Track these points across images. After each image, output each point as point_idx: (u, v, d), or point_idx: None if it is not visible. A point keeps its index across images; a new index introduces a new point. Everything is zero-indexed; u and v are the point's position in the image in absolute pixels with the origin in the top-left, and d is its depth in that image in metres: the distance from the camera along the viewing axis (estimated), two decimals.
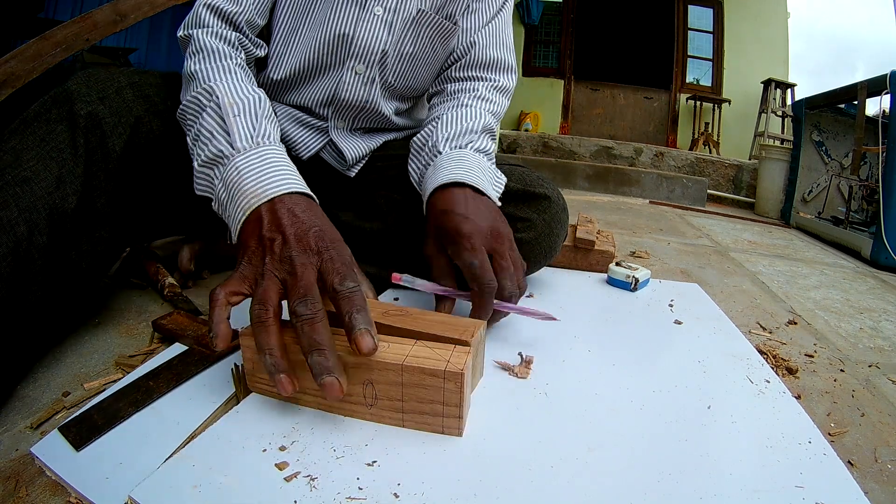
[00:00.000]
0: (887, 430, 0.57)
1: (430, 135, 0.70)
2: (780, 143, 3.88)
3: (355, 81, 0.73)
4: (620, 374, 0.57)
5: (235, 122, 0.51)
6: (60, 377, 0.51)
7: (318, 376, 0.39)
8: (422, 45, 0.74)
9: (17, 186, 0.48)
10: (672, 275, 1.11)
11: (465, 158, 0.64)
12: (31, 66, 1.25)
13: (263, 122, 0.52)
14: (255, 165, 0.48)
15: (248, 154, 0.49)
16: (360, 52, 0.71)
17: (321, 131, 0.77)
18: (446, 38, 0.76)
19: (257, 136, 0.51)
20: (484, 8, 0.78)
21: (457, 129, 0.69)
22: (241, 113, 0.52)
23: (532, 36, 5.52)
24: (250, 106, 0.53)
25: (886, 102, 1.82)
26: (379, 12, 0.70)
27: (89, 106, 0.54)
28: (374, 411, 0.43)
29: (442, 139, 0.68)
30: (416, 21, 0.72)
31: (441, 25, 0.74)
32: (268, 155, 0.50)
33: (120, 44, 3.00)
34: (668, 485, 0.40)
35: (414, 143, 0.72)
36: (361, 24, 0.69)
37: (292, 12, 0.70)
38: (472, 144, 0.68)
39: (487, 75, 0.78)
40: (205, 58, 0.58)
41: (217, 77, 0.56)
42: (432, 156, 0.67)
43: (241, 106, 0.52)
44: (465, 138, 0.69)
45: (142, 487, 0.35)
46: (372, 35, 0.70)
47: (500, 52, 0.79)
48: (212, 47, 0.59)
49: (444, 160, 0.64)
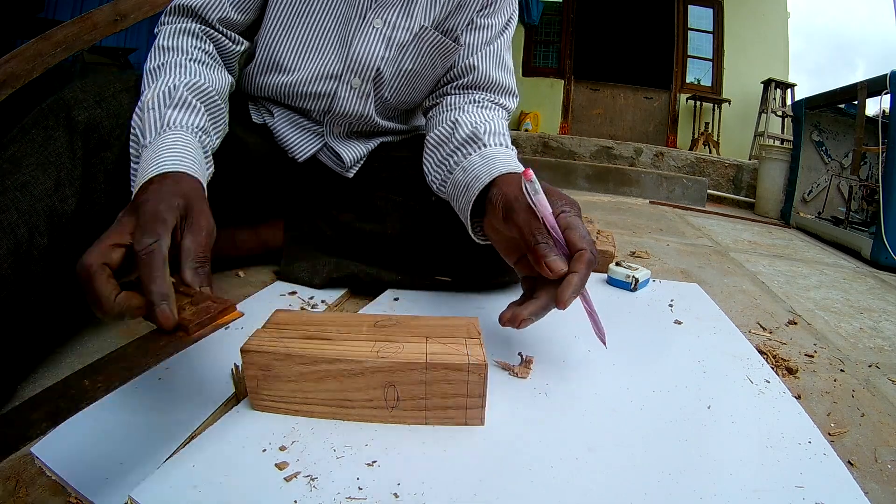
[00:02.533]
0: (887, 430, 0.57)
1: (451, 132, 0.66)
2: (780, 143, 3.88)
3: (351, 95, 0.72)
4: (620, 374, 0.57)
5: (147, 116, 0.52)
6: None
7: (150, 305, 0.37)
8: (422, 62, 0.73)
9: (17, 191, 0.49)
10: (672, 275, 1.11)
11: (514, 159, 0.61)
12: (31, 66, 1.25)
13: (167, 112, 0.53)
14: (147, 156, 0.49)
15: (149, 148, 0.50)
16: (357, 66, 0.70)
17: (317, 134, 0.77)
18: (447, 57, 0.74)
19: (161, 127, 0.52)
20: (489, 24, 0.75)
21: (493, 127, 0.65)
22: (152, 107, 0.53)
23: (532, 36, 5.52)
24: (160, 99, 0.54)
25: (886, 102, 1.82)
26: (378, 25, 0.68)
27: (87, 111, 0.55)
28: (396, 413, 0.44)
29: (482, 132, 0.64)
30: (417, 37, 0.71)
31: (443, 44, 0.72)
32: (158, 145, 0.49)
33: (120, 44, 3.00)
34: (668, 485, 0.40)
35: (430, 141, 0.69)
36: (359, 37, 0.69)
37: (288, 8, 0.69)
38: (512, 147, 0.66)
39: (488, 94, 0.75)
40: (158, 55, 0.61)
41: (160, 75, 0.58)
42: (477, 146, 0.63)
43: (154, 101, 0.54)
44: (505, 139, 0.65)
45: (142, 487, 0.35)
46: (369, 49, 0.69)
47: (500, 73, 0.76)
48: (168, 45, 0.61)
49: (495, 152, 0.60)
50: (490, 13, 0.75)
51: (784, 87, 4.80)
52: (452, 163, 0.64)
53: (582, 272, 0.48)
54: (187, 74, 0.58)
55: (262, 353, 0.42)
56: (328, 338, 0.44)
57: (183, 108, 0.54)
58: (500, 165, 0.57)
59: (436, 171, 0.67)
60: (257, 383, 0.43)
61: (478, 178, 0.57)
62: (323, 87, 0.72)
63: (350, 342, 0.44)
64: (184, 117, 0.53)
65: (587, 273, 0.48)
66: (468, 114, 0.69)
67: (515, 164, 0.58)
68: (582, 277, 0.48)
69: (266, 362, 0.42)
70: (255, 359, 0.42)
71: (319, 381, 0.42)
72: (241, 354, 0.42)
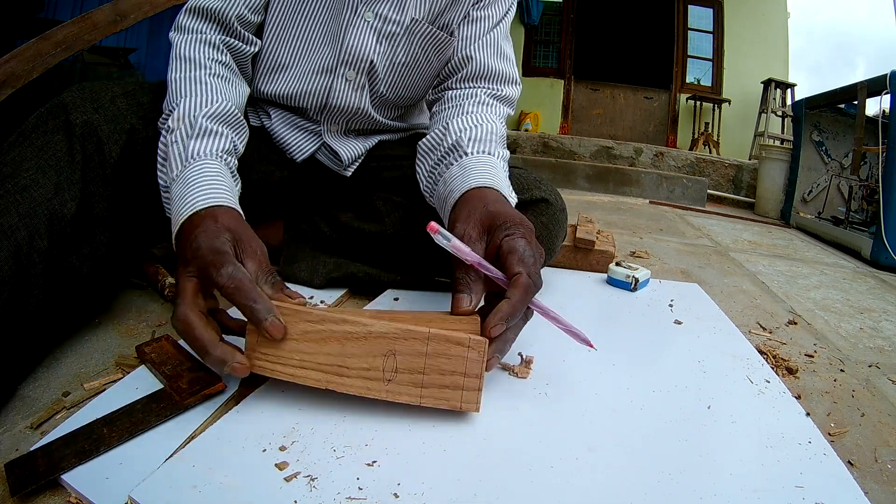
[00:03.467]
0: (887, 430, 0.57)
1: (441, 138, 0.66)
2: (780, 143, 3.88)
3: (346, 88, 0.72)
4: (620, 374, 0.57)
5: (173, 149, 0.54)
6: (60, 377, 0.51)
7: (259, 322, 0.42)
8: (415, 55, 0.73)
9: (17, 194, 0.49)
10: (672, 275, 1.11)
11: (494, 167, 0.61)
12: (31, 66, 1.25)
13: (190, 143, 0.54)
14: (177, 191, 0.51)
15: (176, 182, 0.52)
16: (350, 58, 0.70)
17: (315, 134, 0.77)
18: (441, 50, 0.74)
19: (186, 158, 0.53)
20: (485, 16, 0.75)
21: (478, 133, 0.65)
22: (177, 140, 0.54)
23: (532, 36, 5.52)
24: (186, 130, 0.55)
25: (886, 102, 1.82)
26: (370, 19, 0.69)
27: (85, 115, 0.56)
28: (392, 387, 0.44)
29: (466, 140, 0.63)
30: (409, 30, 0.71)
31: (435, 36, 0.72)
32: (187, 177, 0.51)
33: (120, 44, 3.00)
34: (668, 485, 0.40)
35: (422, 146, 0.69)
36: (351, 30, 0.69)
37: (285, 9, 0.70)
38: (497, 152, 0.65)
39: (487, 85, 0.75)
40: (179, 66, 0.61)
41: (182, 92, 0.58)
42: (457, 155, 0.63)
43: (181, 131, 0.55)
44: (489, 145, 0.65)
45: (142, 487, 0.35)
46: (361, 42, 0.70)
47: (499, 62, 0.75)
48: (189, 56, 0.61)
49: (474, 162, 0.61)
50: (486, 4, 0.74)
51: (784, 87, 4.80)
52: (437, 174, 0.65)
53: (515, 297, 0.46)
54: (208, 96, 0.59)
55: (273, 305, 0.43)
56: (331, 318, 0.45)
57: (204, 136, 0.55)
58: (469, 180, 0.58)
59: (427, 180, 0.67)
60: (257, 338, 0.44)
61: (451, 192, 0.59)
62: (318, 82, 0.72)
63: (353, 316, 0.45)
64: (207, 145, 0.54)
65: (523, 296, 0.47)
66: (460, 118, 0.68)
67: (490, 174, 0.59)
68: (513, 304, 0.46)
69: None
70: None
71: (321, 342, 0.43)
72: None
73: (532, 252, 0.49)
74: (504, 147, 0.69)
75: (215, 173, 0.52)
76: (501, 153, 0.66)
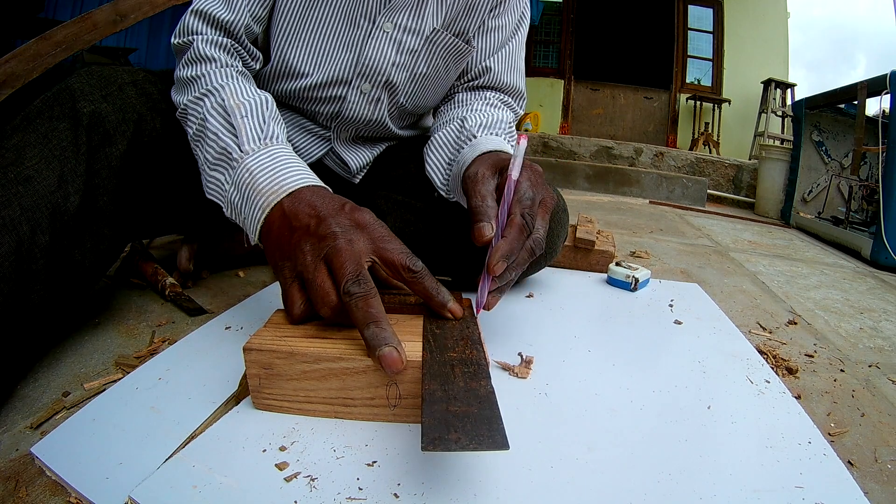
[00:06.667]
0: (887, 430, 0.57)
1: (458, 131, 0.67)
2: (780, 143, 3.88)
3: (360, 100, 0.72)
4: (620, 374, 0.57)
5: (243, 122, 0.51)
6: (60, 377, 0.51)
7: (375, 348, 0.39)
8: (435, 65, 0.73)
9: (20, 185, 0.48)
10: (672, 275, 1.11)
11: (504, 144, 0.62)
12: (31, 66, 1.25)
13: (271, 124, 0.52)
14: (267, 165, 0.49)
15: (258, 155, 0.50)
16: (368, 71, 0.69)
17: (324, 139, 0.77)
18: (460, 59, 0.74)
19: (265, 137, 0.51)
20: (501, 25, 0.75)
21: (488, 121, 0.67)
22: (248, 114, 0.52)
23: (532, 36, 5.51)
24: (257, 107, 0.53)
25: (886, 102, 1.82)
26: (389, 29, 0.67)
27: (92, 104, 0.54)
28: (398, 411, 0.43)
29: (476, 126, 0.65)
30: (429, 41, 0.70)
31: (456, 47, 0.72)
32: (277, 154, 0.50)
33: (120, 44, 3.00)
34: (668, 485, 0.40)
35: (435, 141, 0.69)
36: (370, 43, 0.67)
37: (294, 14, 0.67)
38: (505, 137, 0.67)
39: (499, 94, 0.78)
40: (205, 63, 0.58)
41: (221, 80, 0.56)
42: (466, 140, 0.64)
43: (247, 107, 0.52)
44: (497, 129, 0.67)
45: (142, 487, 0.35)
46: (380, 55, 0.68)
47: (513, 77, 0.78)
48: (210, 55, 0.58)
49: (482, 140, 0.62)
50: (500, 13, 0.75)
51: (784, 86, 4.80)
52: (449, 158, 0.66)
53: (510, 237, 0.47)
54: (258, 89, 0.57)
55: (265, 351, 0.42)
56: (329, 336, 0.44)
57: (279, 122, 0.54)
58: (480, 147, 0.58)
59: (446, 173, 0.67)
60: (259, 382, 0.43)
61: (465, 162, 0.58)
62: (333, 92, 0.71)
63: (352, 340, 0.44)
64: (282, 134, 0.53)
65: (518, 236, 0.47)
66: (473, 113, 0.69)
67: (499, 145, 0.59)
68: (510, 242, 0.47)
69: (268, 361, 0.42)
70: (257, 357, 0.42)
71: (322, 379, 0.42)
72: (243, 353, 0.42)
73: (532, 194, 0.50)
74: (513, 138, 0.70)
75: (302, 162, 0.51)
76: (510, 141, 0.67)
